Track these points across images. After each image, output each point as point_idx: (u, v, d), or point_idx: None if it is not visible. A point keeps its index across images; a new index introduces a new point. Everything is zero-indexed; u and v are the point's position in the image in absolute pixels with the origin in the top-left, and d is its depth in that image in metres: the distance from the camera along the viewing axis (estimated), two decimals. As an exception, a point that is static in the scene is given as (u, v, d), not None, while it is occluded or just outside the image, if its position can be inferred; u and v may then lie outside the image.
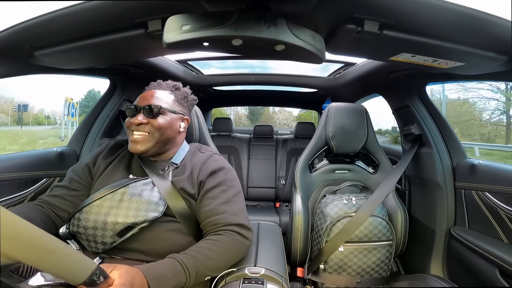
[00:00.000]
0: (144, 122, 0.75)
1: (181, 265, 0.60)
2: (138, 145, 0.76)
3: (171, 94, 0.83)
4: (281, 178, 2.27)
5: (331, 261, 1.01)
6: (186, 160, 0.83)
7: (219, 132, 2.45)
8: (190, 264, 0.60)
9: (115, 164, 0.82)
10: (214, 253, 0.65)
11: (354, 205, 1.04)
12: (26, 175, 1.04)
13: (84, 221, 0.68)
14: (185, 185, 0.76)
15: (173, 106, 0.81)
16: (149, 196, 0.72)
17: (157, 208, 0.71)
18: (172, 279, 0.57)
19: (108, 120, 1.34)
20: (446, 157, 1.15)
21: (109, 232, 0.67)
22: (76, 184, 0.79)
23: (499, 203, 0.93)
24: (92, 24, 0.62)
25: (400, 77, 1.12)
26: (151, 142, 0.76)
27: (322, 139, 1.23)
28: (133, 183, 0.73)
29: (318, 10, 0.55)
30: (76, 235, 0.70)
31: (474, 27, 0.56)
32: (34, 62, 0.80)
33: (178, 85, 0.88)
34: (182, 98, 0.86)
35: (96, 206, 0.70)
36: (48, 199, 0.76)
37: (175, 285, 0.57)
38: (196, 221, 0.77)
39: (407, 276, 1.09)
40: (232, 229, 0.71)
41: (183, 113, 0.84)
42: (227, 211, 0.73)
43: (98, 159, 0.83)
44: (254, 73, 1.86)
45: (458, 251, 1.04)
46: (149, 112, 0.76)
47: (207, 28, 0.49)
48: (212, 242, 0.68)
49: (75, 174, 0.81)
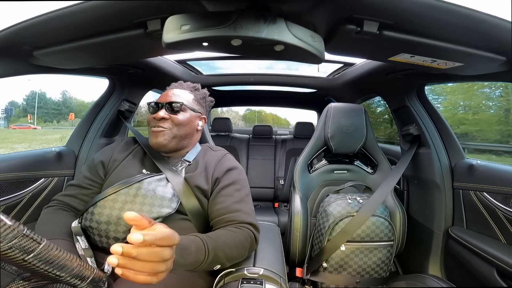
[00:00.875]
0: (166, 118, 0.79)
1: (203, 243, 0.60)
2: (159, 138, 0.78)
3: (191, 93, 0.87)
4: (280, 178, 2.27)
5: (332, 260, 1.01)
6: (198, 157, 0.85)
7: (218, 132, 2.45)
8: (211, 245, 0.61)
9: (130, 159, 0.83)
10: (231, 241, 0.66)
11: (358, 205, 1.04)
12: (24, 175, 1.04)
13: (97, 215, 0.68)
14: (199, 182, 0.77)
15: (192, 105, 0.85)
16: (163, 192, 0.72)
17: (170, 204, 0.72)
18: (193, 254, 0.56)
19: (107, 120, 1.33)
20: (444, 157, 1.16)
21: (122, 227, 0.67)
22: (89, 181, 0.80)
23: (497, 203, 0.93)
24: (91, 24, 0.62)
25: (399, 78, 1.13)
26: (170, 137, 0.79)
27: (321, 139, 1.23)
28: (148, 179, 0.74)
29: (318, 10, 0.55)
30: (87, 229, 0.70)
31: (473, 28, 0.56)
32: (33, 62, 0.80)
33: (197, 86, 0.92)
34: (201, 98, 0.90)
35: (110, 200, 0.70)
36: (63, 199, 0.78)
37: (194, 260, 0.56)
38: (205, 219, 0.77)
39: (405, 276, 1.09)
40: (246, 227, 0.73)
41: (201, 112, 0.88)
42: (241, 209, 0.75)
43: (114, 153, 0.84)
44: (254, 73, 1.86)
45: (456, 251, 1.05)
46: (171, 109, 0.80)
47: (207, 28, 0.49)
48: (230, 231, 0.69)
49: (87, 172, 0.81)
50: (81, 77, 1.27)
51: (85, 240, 0.69)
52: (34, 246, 0.38)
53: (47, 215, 0.74)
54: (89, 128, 1.31)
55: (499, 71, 0.74)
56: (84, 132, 1.30)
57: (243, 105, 3.48)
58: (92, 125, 1.31)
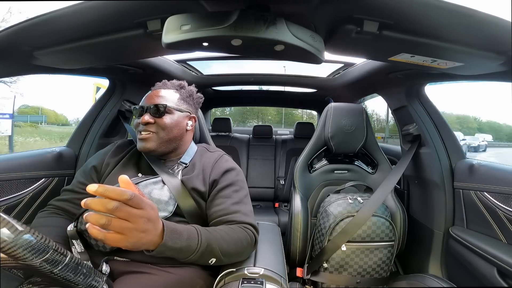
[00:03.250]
0: (151, 122, 0.76)
1: (197, 232, 0.60)
2: (146, 144, 0.76)
3: (176, 92, 0.84)
4: (280, 178, 2.27)
5: (332, 260, 1.01)
6: (195, 159, 0.83)
7: (218, 132, 2.45)
8: (204, 235, 0.60)
9: (124, 163, 0.82)
10: (228, 237, 0.66)
11: (358, 205, 1.04)
12: (25, 175, 1.04)
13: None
14: (196, 184, 0.76)
15: (178, 105, 0.82)
16: (159, 195, 0.72)
17: (166, 207, 0.71)
18: (184, 240, 0.56)
19: (107, 120, 1.33)
20: (444, 157, 1.16)
21: None
22: (82, 186, 0.79)
23: (497, 203, 0.93)
24: (92, 24, 0.62)
25: (399, 77, 1.12)
26: (158, 141, 0.77)
27: (321, 139, 1.23)
28: (143, 182, 0.73)
29: (318, 11, 0.55)
30: (84, 233, 0.69)
31: (473, 27, 0.56)
32: (34, 62, 0.80)
33: (183, 83, 0.88)
34: (187, 96, 0.86)
35: None
36: (58, 204, 0.78)
37: (185, 246, 0.56)
38: (204, 221, 0.77)
39: (405, 276, 1.09)
40: (246, 227, 0.72)
41: (189, 111, 0.85)
42: (240, 211, 0.74)
43: (106, 158, 0.83)
44: (254, 73, 1.86)
45: (457, 251, 1.05)
46: (156, 111, 0.77)
47: (207, 28, 0.49)
48: (228, 228, 0.69)
49: (81, 177, 0.81)
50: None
51: (81, 244, 0.69)
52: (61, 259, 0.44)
53: (41, 219, 0.74)
54: (90, 128, 1.31)
55: (499, 71, 0.74)
56: (84, 132, 1.30)
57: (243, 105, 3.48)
58: (92, 125, 1.31)
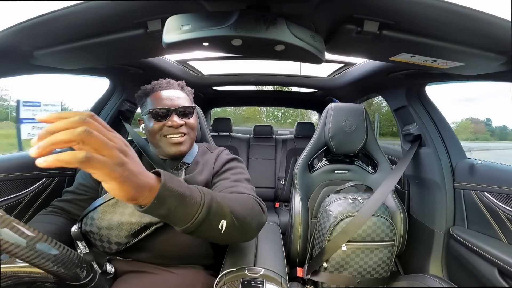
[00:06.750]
0: (183, 124, 0.77)
1: (195, 186, 0.51)
2: (181, 147, 0.77)
3: (184, 92, 0.84)
4: (281, 178, 2.27)
5: (333, 260, 1.01)
6: (197, 158, 0.84)
7: (219, 132, 2.45)
8: (207, 192, 0.51)
9: None
10: (234, 197, 0.60)
11: (359, 205, 1.04)
12: (25, 175, 1.04)
13: (98, 221, 0.67)
14: (199, 180, 0.76)
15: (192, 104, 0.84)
16: None
17: None
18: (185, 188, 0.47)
19: (107, 120, 1.33)
20: (445, 157, 1.15)
21: (124, 232, 0.66)
22: (83, 188, 0.80)
23: (498, 203, 0.93)
24: (92, 24, 0.62)
25: (399, 77, 1.12)
26: (190, 142, 0.79)
27: (322, 139, 1.23)
28: None
29: (318, 11, 0.55)
30: (88, 234, 0.69)
31: (473, 27, 0.56)
32: (34, 62, 0.80)
33: (182, 83, 0.88)
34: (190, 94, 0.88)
35: (110, 205, 0.69)
36: (59, 205, 0.78)
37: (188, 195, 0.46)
38: None
39: (406, 276, 1.09)
40: (250, 195, 0.65)
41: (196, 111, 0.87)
42: (239, 185, 0.70)
43: None
44: (254, 73, 1.86)
45: (457, 251, 1.05)
46: (183, 113, 0.77)
47: (207, 28, 0.49)
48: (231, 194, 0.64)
49: (82, 179, 0.81)
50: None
51: (85, 245, 0.69)
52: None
53: (39, 216, 0.75)
54: None
55: (499, 71, 0.74)
56: None
57: (243, 105, 3.48)
58: None
